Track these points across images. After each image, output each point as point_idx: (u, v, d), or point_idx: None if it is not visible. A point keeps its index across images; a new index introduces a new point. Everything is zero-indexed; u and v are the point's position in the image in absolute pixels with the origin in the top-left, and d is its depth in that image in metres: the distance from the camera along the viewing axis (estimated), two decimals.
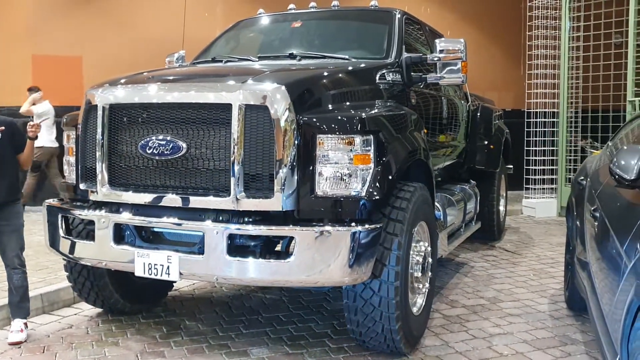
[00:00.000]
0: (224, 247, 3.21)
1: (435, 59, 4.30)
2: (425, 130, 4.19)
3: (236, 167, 3.24)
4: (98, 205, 3.74)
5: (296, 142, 3.24)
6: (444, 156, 5.59)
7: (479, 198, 6.40)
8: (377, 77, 4.03)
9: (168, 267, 3.35)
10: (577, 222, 4.21)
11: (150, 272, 3.40)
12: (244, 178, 3.26)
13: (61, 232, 3.78)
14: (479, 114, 6.85)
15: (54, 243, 3.84)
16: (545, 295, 5.09)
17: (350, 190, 3.30)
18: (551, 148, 9.49)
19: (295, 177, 3.25)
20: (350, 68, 4.01)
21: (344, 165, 3.29)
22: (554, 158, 9.51)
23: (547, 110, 9.50)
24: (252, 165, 3.26)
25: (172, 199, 3.40)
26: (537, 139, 9.48)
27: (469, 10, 11.23)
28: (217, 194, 3.31)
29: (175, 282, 3.39)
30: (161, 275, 3.37)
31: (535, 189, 9.56)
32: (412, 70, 4.49)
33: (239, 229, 3.22)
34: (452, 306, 4.77)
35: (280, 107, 3.22)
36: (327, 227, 3.19)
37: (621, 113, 8.65)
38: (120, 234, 3.57)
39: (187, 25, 8.27)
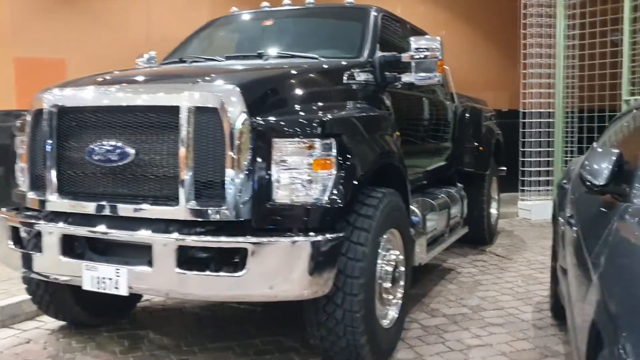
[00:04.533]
0: (173, 259, 3.02)
1: (410, 58, 4.09)
2: (399, 133, 3.98)
3: (186, 174, 3.04)
4: (50, 214, 3.55)
5: (251, 146, 3.04)
6: (426, 159, 5.38)
7: (466, 201, 6.19)
8: (345, 77, 3.82)
9: (117, 281, 3.15)
10: (559, 228, 4.00)
11: (98, 286, 3.21)
12: (195, 185, 3.06)
13: (11, 243, 3.59)
14: (467, 115, 6.64)
15: (4, 255, 3.66)
16: (531, 302, 4.87)
17: (310, 197, 3.09)
18: (547, 149, 9.27)
19: (250, 184, 3.05)
20: (314, 67, 3.81)
21: (303, 171, 3.08)
22: (550, 159, 9.28)
23: (542, 110, 9.28)
24: (203, 172, 3.06)
25: (120, 209, 3.21)
26: (533, 139, 9.26)
27: (463, 8, 11.00)
28: (167, 203, 3.12)
29: (125, 296, 3.18)
30: (110, 289, 3.17)
31: (530, 190, 9.34)
32: (388, 70, 4.29)
33: (187, 240, 3.02)
34: (432, 315, 4.56)
35: (233, 109, 3.02)
36: (283, 238, 2.99)
37: (617, 113, 8.40)
38: (69, 246, 3.38)
39: (173, 25, 8.11)
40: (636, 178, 2.39)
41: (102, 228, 3.23)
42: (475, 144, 6.68)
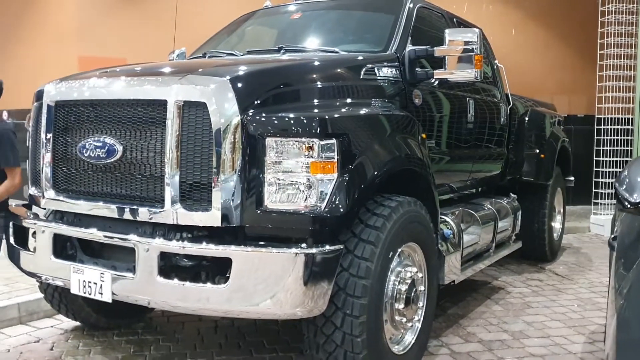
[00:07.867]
0: (154, 266, 2.78)
1: (443, 52, 3.67)
2: (424, 135, 3.57)
3: (171, 175, 2.80)
4: (52, 212, 3.42)
5: (241, 145, 2.75)
6: (470, 166, 4.89)
7: (519, 214, 5.62)
8: (363, 73, 3.44)
9: (101, 286, 2.95)
10: None
11: (84, 291, 3.02)
12: (180, 187, 2.81)
13: (11, 241, 3.49)
14: (527, 119, 6.05)
15: (6, 251, 3.56)
16: (584, 332, 4.29)
17: (307, 204, 2.77)
18: (624, 159, 8.43)
19: (241, 188, 2.75)
20: (325, 61, 3.45)
21: (299, 175, 2.76)
22: None
23: (620, 116, 8.47)
24: (189, 172, 2.80)
25: (107, 209, 3.00)
26: (609, 148, 8.47)
27: (535, 7, 10.25)
28: (153, 205, 2.88)
29: (109, 302, 2.97)
30: (94, 294, 2.98)
31: (604, 204, 8.53)
32: (421, 65, 3.88)
33: (170, 246, 2.77)
34: (467, 340, 4.09)
35: (223, 104, 2.74)
36: (271, 248, 2.68)
37: None
38: (61, 246, 3.22)
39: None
40: None
41: (88, 228, 3.04)
42: (536, 150, 6.08)
